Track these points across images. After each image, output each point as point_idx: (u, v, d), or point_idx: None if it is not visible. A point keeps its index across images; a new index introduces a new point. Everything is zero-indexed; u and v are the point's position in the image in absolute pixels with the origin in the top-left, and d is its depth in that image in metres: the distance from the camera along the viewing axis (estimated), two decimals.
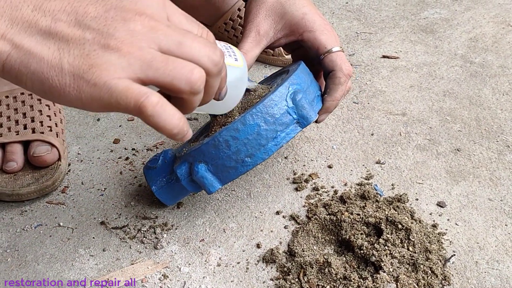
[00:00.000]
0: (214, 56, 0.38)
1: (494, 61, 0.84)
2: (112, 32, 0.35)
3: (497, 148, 0.67)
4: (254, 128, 0.51)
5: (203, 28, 0.41)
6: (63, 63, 0.35)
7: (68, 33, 0.36)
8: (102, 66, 0.35)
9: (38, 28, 0.36)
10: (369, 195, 0.60)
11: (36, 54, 0.35)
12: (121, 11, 0.36)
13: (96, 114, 0.77)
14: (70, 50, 0.35)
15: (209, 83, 0.39)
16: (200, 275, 0.54)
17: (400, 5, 1.01)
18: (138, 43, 0.36)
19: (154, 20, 0.37)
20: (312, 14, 0.58)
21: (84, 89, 0.35)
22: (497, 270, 0.53)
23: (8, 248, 0.58)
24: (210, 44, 0.38)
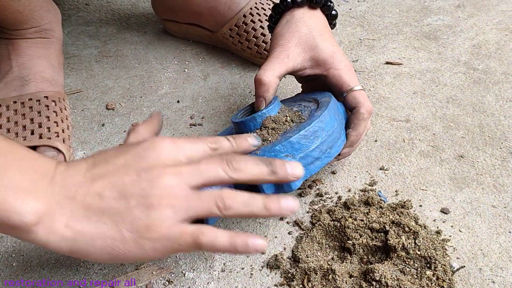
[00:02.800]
0: (227, 165, 0.45)
1: (497, 67, 0.84)
2: (150, 192, 0.42)
3: (501, 155, 0.67)
4: (333, 122, 0.56)
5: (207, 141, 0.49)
6: (123, 233, 0.42)
7: (117, 206, 0.42)
8: (155, 223, 0.42)
9: (92, 210, 0.42)
10: (373, 201, 0.60)
11: (97, 234, 0.42)
12: (150, 171, 0.43)
13: (101, 120, 0.77)
14: (124, 220, 0.42)
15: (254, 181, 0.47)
16: (204, 280, 0.55)
17: (404, 12, 1.01)
18: (173, 193, 0.43)
19: (176, 166, 0.44)
20: (340, 54, 0.62)
21: (147, 246, 0.42)
22: (500, 277, 0.53)
23: (13, 253, 0.58)
24: (218, 158, 0.46)
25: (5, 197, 0.39)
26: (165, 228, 0.42)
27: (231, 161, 0.45)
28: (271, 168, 0.47)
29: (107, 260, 0.43)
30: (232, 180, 0.45)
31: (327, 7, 0.65)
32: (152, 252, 0.43)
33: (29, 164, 0.41)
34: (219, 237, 0.43)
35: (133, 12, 1.05)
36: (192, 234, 0.43)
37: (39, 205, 0.40)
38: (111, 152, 0.45)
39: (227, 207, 0.44)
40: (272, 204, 0.45)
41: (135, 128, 0.53)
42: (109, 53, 0.92)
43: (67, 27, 0.99)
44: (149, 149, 0.44)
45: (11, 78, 0.71)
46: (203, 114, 0.78)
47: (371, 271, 0.51)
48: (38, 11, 0.72)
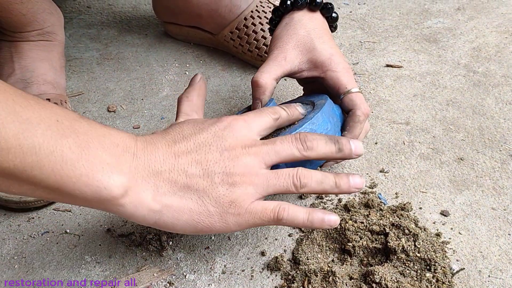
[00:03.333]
0: (301, 145, 0.48)
1: (497, 70, 0.84)
2: (233, 171, 0.46)
3: (500, 158, 0.68)
4: (326, 125, 0.55)
5: (270, 112, 0.52)
6: (209, 208, 0.45)
7: (202, 183, 0.45)
8: (238, 199, 0.46)
9: (178, 186, 0.45)
10: (373, 203, 0.61)
11: (184, 208, 0.45)
12: (231, 150, 0.46)
13: (102, 122, 0.77)
14: (209, 196, 0.45)
15: (321, 157, 0.50)
16: (205, 282, 0.55)
17: (404, 15, 1.01)
18: (254, 172, 0.46)
19: (253, 146, 0.47)
20: (338, 56, 0.62)
21: (230, 220, 0.46)
22: (500, 280, 0.53)
23: (16, 255, 0.59)
24: (292, 138, 0.49)
25: (93, 172, 0.40)
26: (248, 204, 0.46)
27: (305, 140, 0.49)
28: (339, 146, 0.50)
29: (190, 232, 0.46)
30: (305, 158, 0.49)
31: (326, 9, 0.65)
32: (234, 226, 0.46)
33: (110, 140, 0.43)
34: (298, 213, 0.48)
35: (134, 15, 1.05)
36: (273, 209, 0.47)
37: (125, 179, 0.42)
38: (185, 128, 0.48)
39: (303, 185, 0.48)
40: (342, 182, 0.49)
41: (187, 96, 0.55)
42: (111, 56, 0.93)
43: (69, 30, 0.99)
44: (226, 129, 0.47)
45: (14, 81, 0.71)
46: (204, 117, 0.78)
47: (371, 273, 0.52)
48: (41, 14, 0.72)
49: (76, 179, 0.40)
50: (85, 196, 0.41)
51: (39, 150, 0.38)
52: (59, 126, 0.40)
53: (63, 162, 0.39)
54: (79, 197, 0.41)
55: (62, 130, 0.40)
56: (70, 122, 0.41)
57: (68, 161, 0.39)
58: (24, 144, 0.37)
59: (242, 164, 0.46)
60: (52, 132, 0.39)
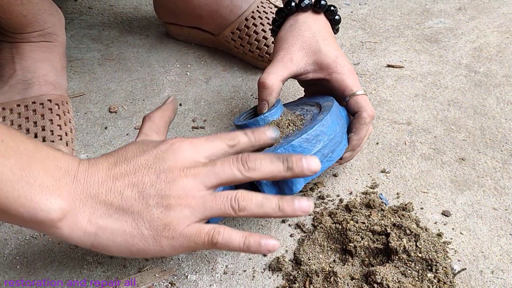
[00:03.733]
0: (242, 165, 0.47)
1: (498, 70, 0.84)
2: (168, 193, 0.45)
3: (502, 158, 0.68)
4: (335, 127, 0.55)
5: (225, 138, 0.50)
6: (143, 231, 0.44)
7: (136, 205, 0.44)
8: (173, 222, 0.45)
9: (113, 208, 0.44)
10: (374, 204, 0.61)
11: (118, 230, 0.44)
12: (169, 172, 0.45)
13: (104, 123, 0.77)
14: (143, 219, 0.44)
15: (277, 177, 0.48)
16: (207, 283, 0.55)
17: (405, 15, 1.01)
18: (190, 194, 0.45)
19: (193, 168, 0.46)
20: (343, 58, 0.62)
21: (164, 243, 0.45)
22: (501, 280, 0.53)
23: (17, 256, 0.59)
24: (234, 158, 0.47)
25: (32, 195, 0.41)
26: (183, 227, 0.45)
27: (246, 161, 0.47)
28: (287, 165, 0.48)
29: (126, 254, 0.46)
30: (247, 179, 0.47)
31: (330, 11, 0.66)
32: (169, 249, 0.45)
33: (53, 163, 0.43)
34: (233, 237, 0.46)
35: (136, 16, 1.05)
36: (208, 233, 0.45)
37: (63, 202, 0.42)
38: (130, 150, 0.47)
39: (241, 208, 0.46)
40: (286, 205, 0.47)
41: (150, 116, 0.55)
42: (112, 56, 0.93)
43: (70, 31, 0.99)
44: (168, 151, 0.46)
45: (15, 82, 0.71)
46: (205, 117, 0.78)
47: (372, 274, 0.52)
48: (42, 15, 0.73)
49: (14, 200, 0.40)
50: (23, 217, 0.41)
51: None
52: (2, 146, 0.41)
53: (3, 183, 0.40)
54: (17, 217, 0.42)
55: (5, 150, 0.41)
56: (15, 142, 0.42)
57: (7, 182, 0.40)
58: None
59: (179, 187, 0.45)
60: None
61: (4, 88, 0.71)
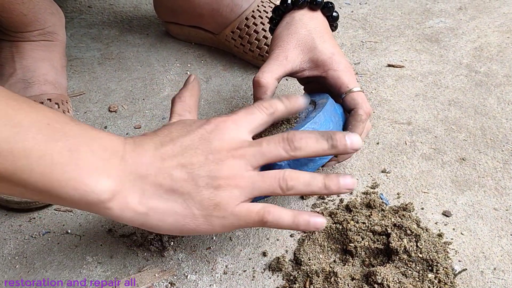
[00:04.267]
0: (288, 145, 0.47)
1: (499, 70, 0.84)
2: (217, 174, 0.45)
3: (503, 158, 0.68)
4: (328, 124, 0.55)
5: (262, 107, 0.50)
6: (193, 211, 0.45)
7: (186, 186, 0.45)
8: (222, 202, 0.45)
9: (163, 189, 0.45)
10: (374, 204, 0.60)
11: (169, 210, 0.45)
12: (216, 153, 0.46)
13: (103, 122, 0.77)
14: (194, 199, 0.45)
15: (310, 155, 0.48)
16: (206, 283, 0.55)
17: (405, 14, 1.01)
18: (239, 175, 0.46)
19: (239, 148, 0.47)
20: (339, 55, 0.62)
21: (215, 223, 0.46)
22: (502, 280, 0.53)
23: (17, 255, 0.59)
24: (279, 138, 0.47)
25: (81, 176, 0.41)
26: (233, 207, 0.46)
27: (292, 140, 0.47)
28: (332, 143, 0.48)
29: (176, 233, 0.47)
30: (293, 158, 0.48)
31: (327, 9, 0.65)
32: (219, 228, 0.46)
33: (99, 144, 0.43)
34: (283, 215, 0.47)
35: (136, 15, 1.05)
36: (258, 212, 0.46)
37: (112, 183, 0.43)
38: (174, 130, 0.48)
39: (289, 187, 0.47)
40: (332, 183, 0.48)
41: (180, 96, 0.55)
42: (112, 56, 0.93)
43: (70, 30, 0.99)
44: (213, 132, 0.47)
45: (15, 81, 0.71)
46: (205, 117, 0.78)
47: (373, 274, 0.51)
48: (42, 14, 0.72)
49: (65, 183, 0.41)
50: (74, 199, 0.42)
51: (30, 154, 0.39)
52: (49, 129, 0.40)
53: (53, 166, 0.40)
54: (67, 199, 0.42)
55: (52, 133, 0.40)
56: (61, 125, 0.42)
57: (57, 165, 0.40)
58: (15, 148, 0.38)
59: (227, 167, 0.46)
60: (43, 136, 0.40)
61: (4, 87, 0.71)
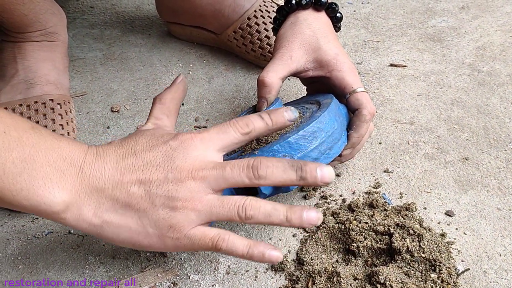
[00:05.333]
0: (252, 173, 0.46)
1: (502, 69, 0.84)
2: (175, 195, 0.44)
3: (506, 157, 0.67)
4: (333, 124, 0.55)
5: (238, 126, 0.49)
6: (148, 229, 0.45)
7: (143, 203, 0.44)
8: (178, 224, 0.44)
9: (119, 203, 0.44)
10: (377, 203, 0.60)
11: (123, 225, 0.45)
12: (177, 173, 0.45)
13: (106, 122, 0.77)
14: (149, 217, 0.44)
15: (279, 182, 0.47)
16: (209, 283, 0.55)
17: (408, 14, 1.01)
18: (197, 197, 0.45)
19: (202, 170, 0.45)
20: (343, 56, 0.62)
21: (168, 243, 0.45)
22: (505, 280, 0.53)
23: (20, 255, 0.59)
24: (245, 163, 0.46)
25: (34, 188, 0.41)
26: (188, 229, 0.45)
27: (257, 168, 0.46)
28: (300, 174, 0.46)
29: (130, 247, 0.46)
30: (256, 185, 0.46)
31: (331, 9, 0.65)
32: (173, 248, 0.46)
33: (58, 154, 0.43)
34: (237, 245, 0.45)
35: (138, 15, 1.05)
36: (212, 238, 0.45)
37: (66, 194, 0.43)
38: (140, 142, 0.47)
39: (248, 217, 0.45)
40: (294, 217, 0.46)
41: (160, 98, 0.54)
42: (114, 56, 0.93)
43: (72, 30, 0.99)
44: (177, 149, 0.46)
45: (17, 81, 0.71)
46: (207, 117, 0.78)
47: (375, 274, 0.51)
48: (44, 14, 0.72)
49: (16, 192, 0.41)
50: (26, 208, 0.42)
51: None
52: (5, 138, 0.40)
53: (4, 176, 0.40)
54: (20, 208, 0.42)
55: (8, 142, 0.40)
56: (18, 133, 0.41)
57: (9, 174, 0.40)
58: None
59: (185, 189, 0.44)
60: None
61: (6, 88, 0.71)
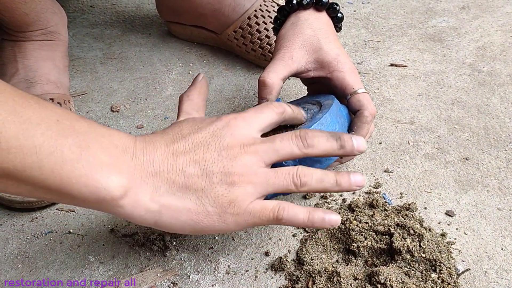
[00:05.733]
0: (301, 142, 0.48)
1: (502, 69, 0.84)
2: (231, 170, 0.45)
3: (506, 157, 0.67)
4: (334, 125, 0.55)
5: (273, 106, 0.51)
6: (207, 208, 0.45)
7: (200, 182, 0.45)
8: (237, 199, 0.45)
9: (176, 186, 0.44)
10: (377, 203, 0.60)
11: (182, 208, 0.44)
12: (229, 149, 0.46)
13: (106, 122, 0.77)
14: (207, 196, 0.45)
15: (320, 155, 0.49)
16: (209, 282, 0.55)
17: (408, 14, 1.01)
18: (252, 171, 0.46)
19: (252, 145, 0.46)
20: (344, 56, 0.62)
21: (229, 220, 0.45)
22: (506, 280, 0.53)
23: (19, 255, 0.59)
24: (292, 135, 0.48)
25: (92, 173, 0.40)
26: (247, 204, 0.45)
27: (305, 137, 0.48)
28: (340, 143, 0.49)
29: (189, 232, 0.46)
30: (305, 155, 0.48)
31: (332, 9, 0.65)
32: (233, 226, 0.46)
33: (109, 141, 0.43)
34: (298, 212, 0.47)
35: (138, 14, 1.05)
36: (273, 209, 0.46)
37: (124, 179, 0.42)
38: (184, 127, 0.47)
39: (303, 184, 0.47)
40: (343, 180, 0.48)
41: (188, 95, 0.55)
42: (114, 55, 0.93)
43: (72, 29, 0.99)
44: (224, 128, 0.47)
45: (17, 80, 0.71)
46: (207, 116, 0.78)
47: (376, 274, 0.51)
48: (44, 14, 0.72)
49: (76, 179, 0.40)
50: (84, 196, 0.41)
51: (39, 151, 0.38)
52: (59, 126, 0.40)
53: (63, 163, 0.39)
54: (78, 197, 0.41)
55: (62, 130, 0.40)
56: (70, 122, 0.41)
57: (67, 161, 0.39)
58: (24, 144, 0.37)
59: (240, 163, 0.45)
60: (52, 133, 0.39)
61: None
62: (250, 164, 0.46)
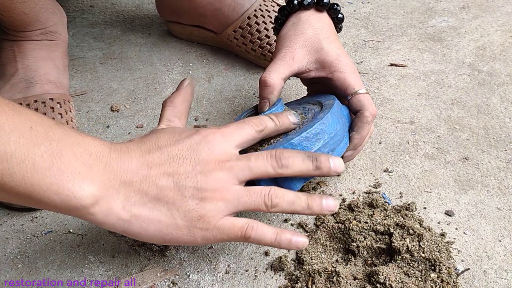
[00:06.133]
0: (276, 162, 0.48)
1: (502, 69, 0.84)
2: (204, 186, 0.45)
3: (506, 157, 0.67)
4: (336, 125, 0.55)
5: (253, 124, 0.51)
6: (177, 221, 0.45)
7: (172, 195, 0.45)
8: (207, 215, 0.45)
9: (148, 197, 0.45)
10: (377, 203, 0.60)
11: (153, 219, 0.45)
12: (204, 164, 0.46)
13: (106, 121, 0.77)
14: (178, 209, 0.45)
15: (298, 174, 0.49)
16: (209, 282, 0.55)
17: (408, 13, 1.01)
18: (225, 188, 0.46)
19: (227, 161, 0.47)
20: (345, 57, 0.62)
21: (198, 234, 0.46)
22: (505, 280, 0.53)
23: (19, 255, 0.59)
24: (268, 154, 0.48)
25: (63, 181, 0.41)
26: (217, 220, 0.46)
27: (280, 157, 0.48)
28: (316, 164, 0.49)
29: (157, 241, 0.46)
30: (279, 175, 0.48)
31: (333, 10, 0.65)
32: (201, 240, 0.46)
33: (83, 148, 0.43)
34: (266, 233, 0.47)
35: (138, 14, 1.05)
36: (241, 227, 0.47)
37: (95, 188, 0.42)
38: (162, 138, 0.47)
39: (274, 205, 0.47)
40: (314, 204, 0.48)
41: (171, 101, 0.55)
42: (114, 55, 0.93)
43: (72, 29, 0.99)
44: (201, 143, 0.47)
45: (17, 80, 0.71)
46: (207, 116, 0.78)
47: (375, 274, 0.51)
48: (44, 13, 0.72)
49: (47, 187, 0.40)
50: (55, 204, 0.42)
51: (11, 158, 0.39)
52: (32, 133, 0.40)
53: (34, 171, 0.40)
54: (49, 204, 0.42)
55: (35, 137, 0.40)
56: (44, 129, 0.41)
57: (39, 169, 0.40)
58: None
59: (214, 179, 0.46)
60: (25, 140, 0.40)
61: (6, 87, 0.71)
62: (223, 181, 0.46)
